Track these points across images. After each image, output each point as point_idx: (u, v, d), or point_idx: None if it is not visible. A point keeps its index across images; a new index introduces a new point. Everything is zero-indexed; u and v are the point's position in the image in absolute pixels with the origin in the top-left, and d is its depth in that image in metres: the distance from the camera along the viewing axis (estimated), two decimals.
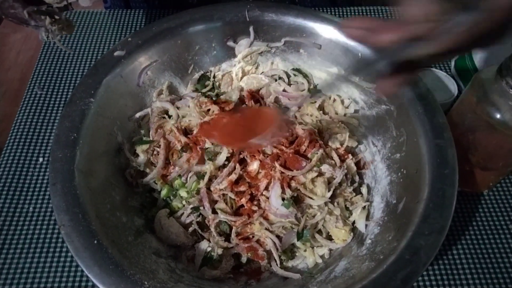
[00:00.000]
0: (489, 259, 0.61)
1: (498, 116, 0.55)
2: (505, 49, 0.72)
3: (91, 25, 0.88)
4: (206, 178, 0.60)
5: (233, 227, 0.58)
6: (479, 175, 0.65)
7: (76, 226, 0.49)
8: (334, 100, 0.72)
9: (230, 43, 0.73)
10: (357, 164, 0.68)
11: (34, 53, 2.23)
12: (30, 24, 0.52)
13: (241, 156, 0.62)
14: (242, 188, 0.60)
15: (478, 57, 0.77)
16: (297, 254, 0.60)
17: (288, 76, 0.75)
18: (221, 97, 0.70)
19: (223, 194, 0.60)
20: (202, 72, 0.74)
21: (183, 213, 0.60)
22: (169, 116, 0.68)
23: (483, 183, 0.67)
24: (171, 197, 0.62)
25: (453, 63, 0.83)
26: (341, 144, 0.68)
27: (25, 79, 2.21)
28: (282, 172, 0.59)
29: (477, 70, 0.76)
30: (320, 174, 0.62)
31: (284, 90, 0.73)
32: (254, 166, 0.61)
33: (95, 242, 0.48)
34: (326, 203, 0.60)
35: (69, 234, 0.48)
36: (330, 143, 0.68)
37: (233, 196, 0.60)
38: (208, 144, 0.62)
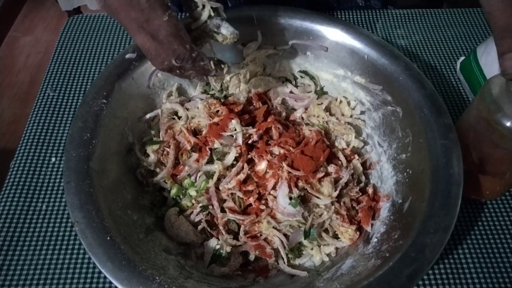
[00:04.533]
0: (494, 258, 0.62)
1: (508, 124, 0.55)
2: None
3: (102, 28, 0.90)
4: (215, 177, 0.61)
5: (242, 225, 0.60)
6: (488, 183, 0.65)
7: (90, 223, 0.50)
8: (341, 101, 0.73)
9: (238, 46, 0.74)
10: (363, 164, 0.69)
11: (43, 56, 2.27)
12: (210, 75, 0.56)
13: (249, 156, 0.64)
14: (250, 188, 0.61)
15: (483, 59, 0.77)
16: (304, 252, 0.61)
17: (295, 78, 0.76)
18: (229, 98, 0.71)
19: (232, 193, 0.61)
20: None
21: (193, 211, 0.62)
22: (179, 117, 0.70)
23: (492, 191, 0.66)
24: (181, 196, 0.64)
25: (458, 65, 0.83)
26: (348, 145, 0.69)
27: (35, 82, 2.25)
28: (289, 172, 0.60)
29: (482, 72, 0.76)
30: (327, 174, 0.63)
31: (291, 92, 0.75)
32: (262, 166, 0.62)
33: (108, 238, 0.49)
34: (332, 203, 0.61)
35: (83, 230, 0.50)
36: (336, 144, 0.70)
37: (241, 195, 0.61)
38: (217, 145, 0.63)
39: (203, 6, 0.54)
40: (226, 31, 0.56)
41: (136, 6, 0.46)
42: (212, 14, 0.55)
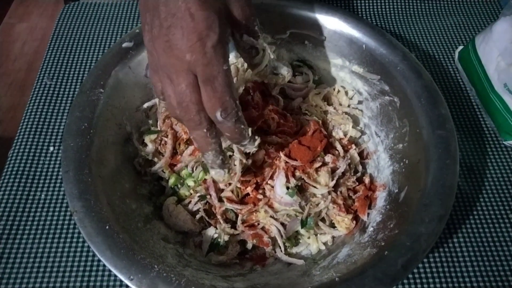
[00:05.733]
0: (488, 247, 0.63)
1: None
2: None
3: (98, 16, 0.89)
4: None
5: (239, 214, 0.60)
6: None
7: (88, 212, 0.51)
8: (338, 91, 0.73)
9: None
10: (360, 154, 0.69)
11: (40, 44, 2.24)
12: (242, 143, 0.52)
13: None
14: (247, 177, 0.61)
15: (482, 49, 0.77)
16: (301, 241, 0.62)
17: (293, 68, 0.76)
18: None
19: (229, 183, 0.61)
20: None
21: (191, 201, 0.62)
22: None
23: None
24: (179, 186, 0.64)
25: (457, 55, 0.83)
26: (345, 135, 0.70)
27: (31, 70, 2.24)
28: (286, 162, 0.61)
29: (480, 62, 0.76)
30: (324, 164, 0.63)
31: (289, 81, 0.74)
32: (259, 156, 0.62)
33: (107, 227, 0.50)
34: (329, 192, 0.61)
35: (82, 219, 0.50)
36: (334, 134, 0.70)
37: (239, 185, 0.61)
38: None
39: (263, 51, 0.53)
40: (283, 70, 0.55)
41: (200, 48, 0.43)
42: (272, 57, 0.53)
